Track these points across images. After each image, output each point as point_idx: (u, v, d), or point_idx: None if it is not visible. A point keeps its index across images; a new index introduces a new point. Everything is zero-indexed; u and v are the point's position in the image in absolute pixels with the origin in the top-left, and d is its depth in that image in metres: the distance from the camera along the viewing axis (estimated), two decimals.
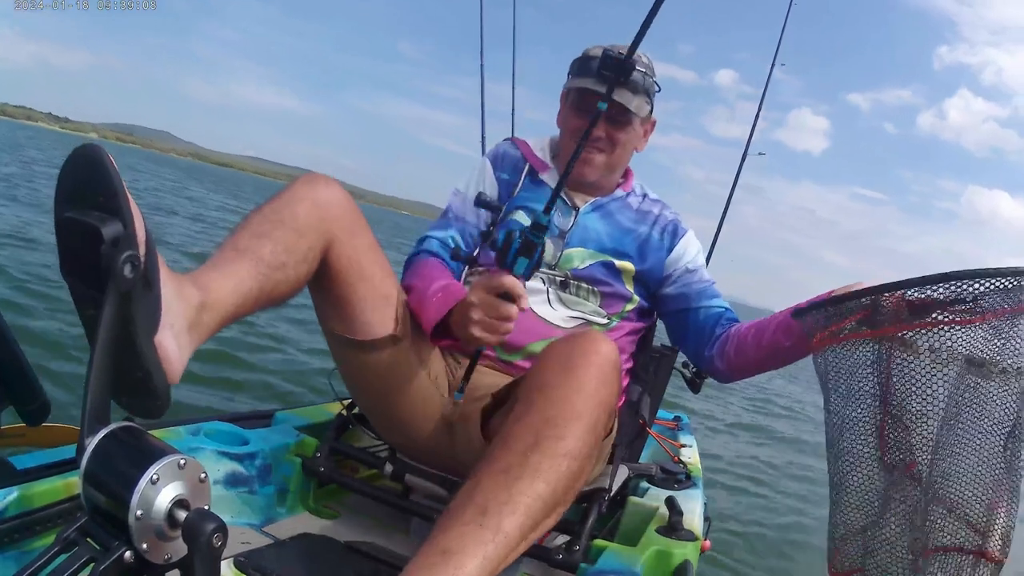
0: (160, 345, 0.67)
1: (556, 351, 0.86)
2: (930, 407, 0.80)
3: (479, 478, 0.74)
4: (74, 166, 0.62)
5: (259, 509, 1.13)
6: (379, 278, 1.01)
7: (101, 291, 0.61)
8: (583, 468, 0.78)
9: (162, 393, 0.67)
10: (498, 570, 0.69)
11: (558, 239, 1.27)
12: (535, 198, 1.29)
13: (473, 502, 0.71)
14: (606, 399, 0.82)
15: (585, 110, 1.24)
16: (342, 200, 0.94)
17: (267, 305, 0.86)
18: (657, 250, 1.31)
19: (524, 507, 0.71)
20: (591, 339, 0.86)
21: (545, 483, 0.73)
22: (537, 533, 0.74)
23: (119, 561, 0.59)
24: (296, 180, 0.94)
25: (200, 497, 0.63)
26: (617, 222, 1.31)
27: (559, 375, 0.81)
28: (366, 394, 1.14)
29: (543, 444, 0.75)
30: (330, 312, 1.02)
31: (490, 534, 0.68)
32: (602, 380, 0.82)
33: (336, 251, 0.94)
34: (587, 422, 0.78)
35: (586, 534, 1.03)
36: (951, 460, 0.81)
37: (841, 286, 0.96)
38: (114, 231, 0.60)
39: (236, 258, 0.82)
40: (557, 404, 0.78)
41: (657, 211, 1.35)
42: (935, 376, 0.79)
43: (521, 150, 1.37)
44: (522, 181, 1.33)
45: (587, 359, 0.82)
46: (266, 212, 0.88)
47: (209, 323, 0.75)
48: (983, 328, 0.79)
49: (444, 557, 0.66)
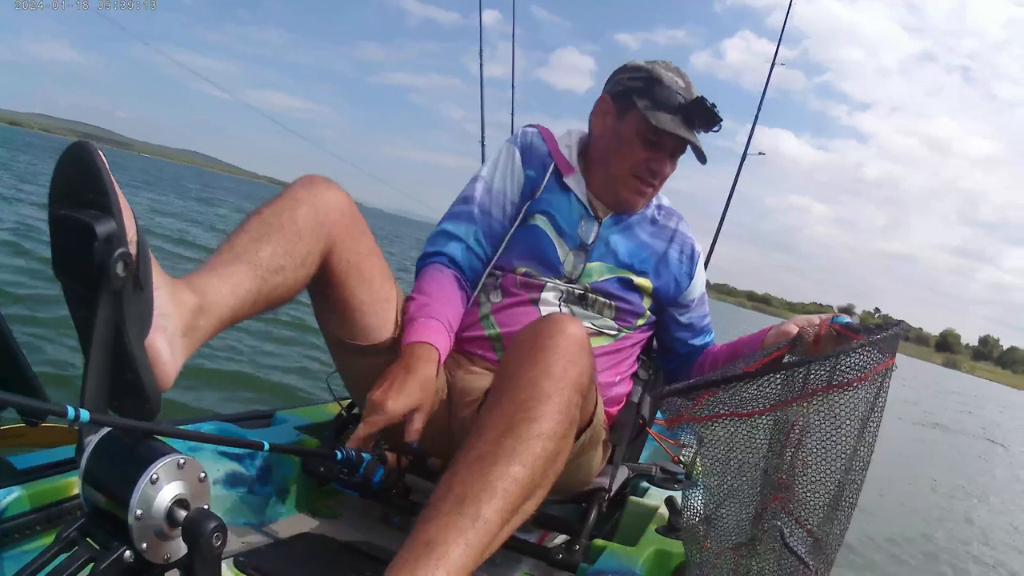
0: (151, 347, 0.66)
1: (522, 337, 0.86)
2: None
3: (456, 468, 0.74)
4: (66, 164, 0.62)
5: (259, 509, 1.13)
6: (379, 282, 1.01)
7: (94, 290, 0.61)
8: (559, 449, 0.78)
9: (152, 396, 0.66)
10: (483, 556, 0.70)
11: (579, 251, 1.23)
12: (559, 204, 1.24)
13: (452, 492, 0.72)
14: (576, 379, 0.82)
15: (659, 147, 1.20)
16: (342, 204, 0.93)
17: (265, 309, 0.85)
18: (676, 271, 1.30)
19: (502, 491, 0.72)
20: (555, 321, 0.85)
21: (521, 466, 0.73)
22: (519, 517, 0.75)
23: (119, 561, 0.59)
24: (295, 182, 0.93)
25: (200, 497, 0.63)
26: (636, 236, 1.28)
27: (527, 360, 0.81)
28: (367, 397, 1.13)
29: (516, 428, 0.76)
30: (330, 316, 1.02)
31: (470, 521, 0.69)
32: (570, 360, 0.82)
33: (336, 255, 0.93)
34: (558, 403, 0.78)
35: (586, 534, 1.03)
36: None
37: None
38: (107, 228, 0.60)
39: (233, 261, 0.81)
40: (527, 388, 0.79)
41: (674, 225, 1.33)
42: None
43: (548, 145, 1.29)
44: (547, 181, 1.26)
45: (553, 341, 0.82)
46: (265, 215, 0.87)
47: (205, 327, 0.74)
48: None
49: (427, 548, 0.67)
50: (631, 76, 1.23)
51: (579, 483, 1.13)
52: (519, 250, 1.22)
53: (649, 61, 1.24)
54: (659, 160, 1.21)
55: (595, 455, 1.11)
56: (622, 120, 1.22)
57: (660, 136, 1.19)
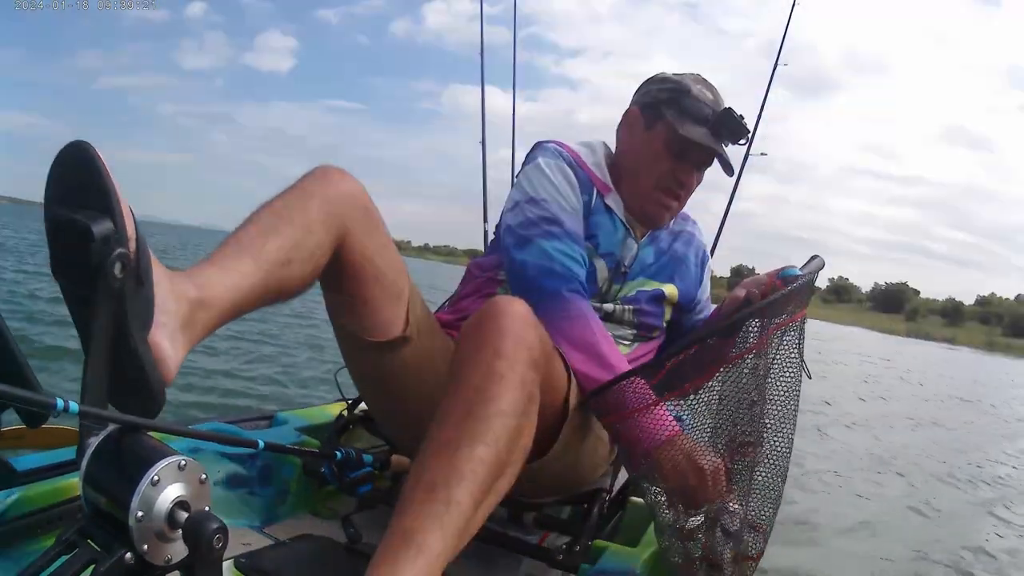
0: (154, 343, 0.66)
1: (468, 326, 0.86)
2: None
3: (422, 458, 0.76)
4: (63, 164, 0.61)
5: (260, 510, 1.13)
6: (391, 277, 0.99)
7: (92, 291, 0.60)
8: (521, 425, 0.79)
9: (157, 392, 0.66)
10: (461, 540, 0.71)
11: (616, 271, 1.21)
12: (607, 227, 1.21)
13: (421, 481, 0.73)
14: (526, 355, 0.82)
15: (688, 160, 1.20)
16: (356, 195, 0.91)
17: (272, 302, 0.84)
18: (694, 276, 1.31)
19: (470, 473, 0.73)
20: (497, 302, 0.86)
21: (485, 446, 0.75)
22: (493, 498, 0.76)
23: (120, 563, 0.59)
24: (308, 173, 0.90)
25: (201, 498, 0.63)
26: (660, 246, 1.29)
27: (475, 345, 0.82)
28: (377, 394, 1.13)
29: (474, 410, 0.77)
30: (342, 310, 1.00)
31: (442, 506, 0.70)
32: (518, 338, 0.82)
33: (348, 248, 0.91)
34: (512, 379, 0.79)
35: (587, 534, 1.03)
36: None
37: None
38: (104, 229, 0.59)
39: (237, 253, 0.79)
40: (480, 372, 0.79)
41: (690, 228, 1.34)
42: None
43: (583, 168, 1.23)
44: (594, 203, 1.21)
45: (497, 322, 0.82)
46: (275, 207, 0.85)
47: (206, 320, 0.73)
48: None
49: (405, 538, 0.68)
50: (660, 88, 1.22)
51: (579, 480, 1.12)
52: None
53: (678, 74, 1.23)
54: (686, 171, 1.21)
55: (593, 451, 1.10)
56: (650, 131, 1.21)
57: (688, 147, 1.18)
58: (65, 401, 0.56)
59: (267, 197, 0.88)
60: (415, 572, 0.67)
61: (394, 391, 1.07)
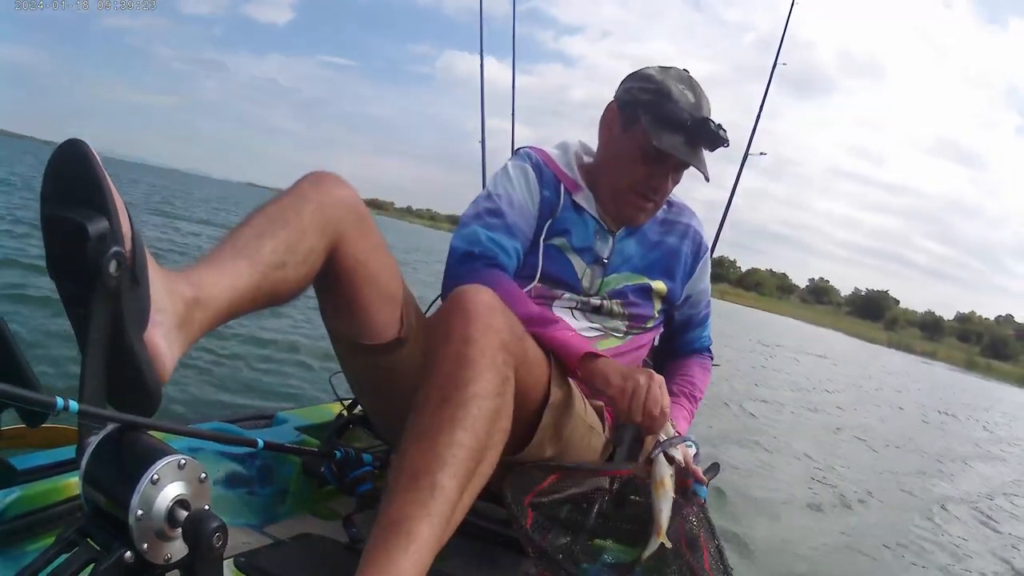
0: (150, 342, 0.66)
1: (435, 318, 0.88)
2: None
3: (404, 449, 0.76)
4: (59, 163, 0.61)
5: (259, 509, 1.13)
6: (385, 280, 1.00)
7: (88, 289, 0.60)
8: (498, 407, 0.81)
9: (154, 390, 0.66)
10: (449, 527, 0.73)
11: (595, 266, 1.24)
12: (577, 223, 1.24)
13: (404, 472, 0.74)
14: (495, 339, 0.83)
15: (661, 164, 1.19)
16: (350, 201, 0.92)
17: (266, 304, 0.85)
18: (684, 268, 1.32)
19: (451, 458, 0.74)
20: (461, 291, 0.88)
21: (463, 430, 0.76)
22: (478, 481, 0.78)
23: (119, 561, 0.59)
24: (302, 179, 0.92)
25: (200, 497, 0.63)
26: (647, 239, 1.29)
27: (444, 336, 0.84)
28: (370, 396, 1.13)
29: (450, 397, 0.78)
30: (335, 314, 1.01)
31: (427, 494, 0.71)
32: (485, 324, 0.84)
33: (341, 252, 0.92)
34: (484, 363, 0.81)
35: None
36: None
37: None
38: (100, 228, 0.59)
39: (233, 255, 0.80)
40: (451, 360, 0.81)
41: (686, 220, 1.34)
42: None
43: (550, 166, 1.28)
44: (562, 202, 1.25)
45: (463, 312, 0.84)
46: (269, 211, 0.86)
47: (202, 320, 0.74)
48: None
49: (394, 528, 0.69)
50: (641, 87, 1.21)
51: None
52: (541, 270, 1.22)
53: (662, 69, 1.22)
54: (660, 177, 1.21)
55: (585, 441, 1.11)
56: (626, 133, 1.21)
57: (662, 156, 1.18)
58: (65, 400, 0.56)
59: (266, 199, 0.89)
60: (407, 560, 0.68)
61: (390, 393, 1.07)
